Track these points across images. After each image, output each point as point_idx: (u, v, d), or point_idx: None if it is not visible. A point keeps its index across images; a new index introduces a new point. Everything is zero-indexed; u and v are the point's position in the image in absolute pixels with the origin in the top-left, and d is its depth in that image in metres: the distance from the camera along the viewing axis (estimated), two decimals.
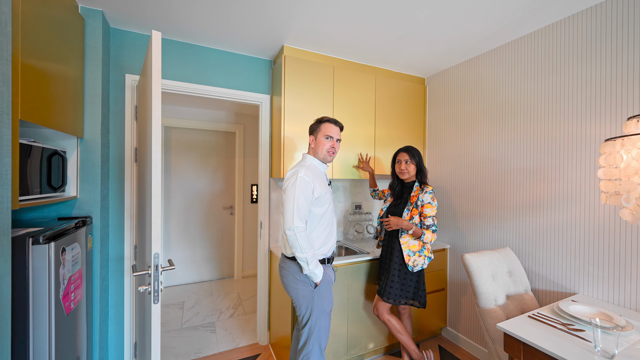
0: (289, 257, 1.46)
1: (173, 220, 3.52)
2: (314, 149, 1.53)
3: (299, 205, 1.34)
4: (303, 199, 1.35)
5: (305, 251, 1.33)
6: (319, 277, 1.39)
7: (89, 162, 1.60)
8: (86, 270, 1.53)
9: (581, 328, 1.22)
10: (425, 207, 1.71)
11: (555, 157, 1.70)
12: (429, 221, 1.70)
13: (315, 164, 1.52)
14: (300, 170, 1.40)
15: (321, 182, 1.45)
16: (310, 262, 1.35)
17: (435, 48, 2.06)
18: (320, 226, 1.46)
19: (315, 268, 1.37)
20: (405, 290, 1.75)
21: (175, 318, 2.73)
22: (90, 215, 1.59)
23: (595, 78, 1.53)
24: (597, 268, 1.54)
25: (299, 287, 1.43)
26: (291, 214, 1.34)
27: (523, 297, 1.67)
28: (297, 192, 1.35)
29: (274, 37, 1.94)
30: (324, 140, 1.50)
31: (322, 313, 1.44)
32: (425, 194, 1.72)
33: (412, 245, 1.74)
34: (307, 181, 1.37)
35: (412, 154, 1.79)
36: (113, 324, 1.82)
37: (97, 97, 1.61)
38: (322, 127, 1.51)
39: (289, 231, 1.34)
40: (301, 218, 1.34)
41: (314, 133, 1.54)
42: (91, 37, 1.59)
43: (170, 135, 3.50)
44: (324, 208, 1.45)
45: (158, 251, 1.18)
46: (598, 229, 1.52)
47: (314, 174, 1.44)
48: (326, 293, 1.45)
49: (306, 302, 1.43)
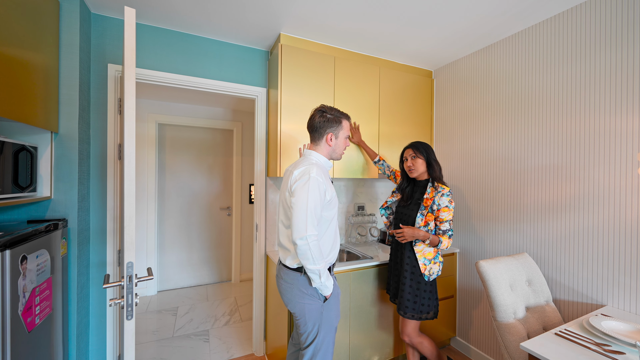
0: (293, 269, 1.29)
1: (167, 222, 3.38)
2: (331, 148, 1.35)
3: (312, 210, 1.15)
4: (318, 203, 1.18)
5: (318, 262, 1.16)
6: (329, 290, 1.24)
7: (64, 159, 1.45)
8: (62, 278, 1.39)
9: (620, 350, 1.05)
10: (442, 211, 1.52)
11: (580, 153, 1.53)
12: (446, 226, 1.53)
13: (322, 162, 1.34)
14: (312, 169, 1.21)
15: (329, 182, 1.30)
16: (323, 274, 1.19)
17: (443, 36, 1.90)
18: (329, 230, 1.30)
19: (327, 280, 1.21)
20: (420, 303, 1.57)
21: (167, 325, 2.58)
22: (65, 217, 1.45)
23: (630, 64, 1.36)
24: (629, 277, 1.37)
25: (306, 301, 1.25)
26: (304, 220, 1.14)
27: (544, 309, 1.51)
28: (311, 194, 1.16)
29: (270, 24, 1.79)
30: (344, 140, 1.36)
31: (330, 329, 1.29)
32: (443, 197, 1.52)
33: (427, 253, 1.56)
34: (320, 182, 1.20)
35: (417, 149, 1.62)
36: (94, 335, 1.68)
37: (74, 87, 1.46)
38: (344, 126, 1.34)
39: (301, 240, 1.13)
40: (314, 225, 1.16)
41: (333, 130, 1.32)
42: (67, 22, 1.45)
43: (164, 132, 3.36)
44: (334, 211, 1.30)
45: (132, 260, 1.03)
46: (631, 234, 1.36)
47: (324, 173, 1.28)
48: (335, 306, 1.31)
49: (313, 319, 1.26)
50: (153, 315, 2.76)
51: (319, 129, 1.32)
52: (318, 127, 1.32)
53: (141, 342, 2.32)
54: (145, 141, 3.18)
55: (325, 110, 1.33)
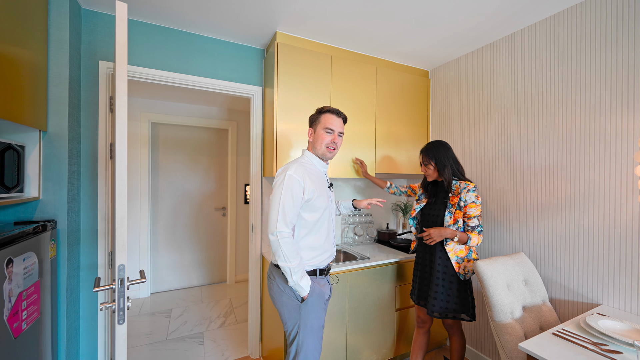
0: (276, 265, 1.29)
1: (161, 223, 3.32)
2: (312, 143, 1.35)
3: (284, 208, 1.18)
4: (290, 201, 1.19)
5: (289, 260, 1.17)
6: (305, 291, 1.21)
7: (54, 158, 1.41)
8: (50, 281, 1.34)
9: (617, 349, 1.05)
10: (469, 207, 1.52)
11: (575, 153, 1.54)
12: (474, 222, 1.53)
13: (313, 161, 1.34)
14: (291, 167, 1.23)
15: (316, 183, 1.27)
16: (295, 273, 1.17)
17: (440, 36, 1.90)
18: (313, 235, 1.28)
19: (301, 280, 1.19)
20: (453, 302, 1.55)
21: (160, 328, 2.53)
22: (54, 218, 1.40)
23: (625, 63, 1.37)
24: (623, 277, 1.38)
25: (284, 299, 1.26)
26: (275, 216, 1.18)
27: (541, 309, 1.51)
28: (284, 192, 1.19)
29: (267, 22, 1.76)
30: (323, 133, 1.31)
31: (309, 331, 1.25)
32: (469, 193, 1.52)
33: (459, 251, 1.55)
34: (296, 180, 1.20)
35: (427, 154, 1.62)
36: (85, 340, 1.63)
37: (63, 85, 1.42)
38: (322, 119, 1.32)
39: (272, 236, 1.18)
40: (286, 222, 1.18)
41: (313, 125, 1.35)
42: (56, 18, 1.40)
43: (158, 132, 3.30)
44: (318, 214, 1.27)
45: (124, 262, 1.00)
46: (626, 233, 1.37)
47: (308, 172, 1.26)
48: (315, 308, 1.27)
49: (292, 318, 1.26)
50: (146, 318, 2.71)
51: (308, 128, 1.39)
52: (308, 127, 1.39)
53: (134, 345, 2.27)
54: (138, 140, 3.12)
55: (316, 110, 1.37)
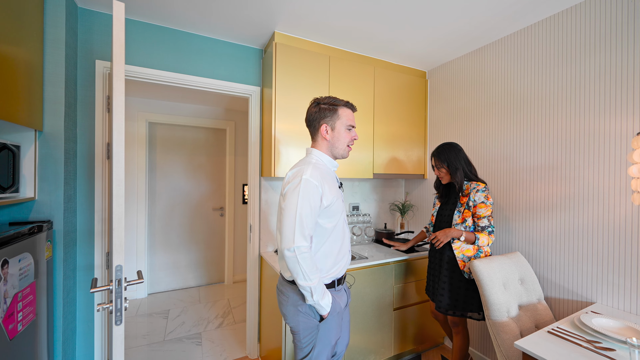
0: (288, 281, 1.16)
1: (158, 223, 3.30)
2: (329, 142, 1.17)
3: (302, 218, 1.02)
4: (309, 210, 1.03)
5: (309, 278, 1.02)
6: (326, 310, 1.08)
7: (50, 158, 1.39)
8: (46, 282, 1.33)
9: (610, 347, 1.07)
10: (479, 207, 1.54)
11: (570, 153, 1.56)
12: (484, 222, 1.53)
13: (324, 161, 1.18)
14: (306, 170, 1.07)
15: (331, 186, 1.12)
16: (315, 292, 1.03)
17: (438, 37, 1.91)
18: (330, 242, 1.13)
19: (322, 299, 1.06)
20: (460, 300, 1.58)
21: (158, 329, 2.52)
22: (50, 219, 1.39)
23: (619, 66, 1.39)
24: (617, 275, 1.40)
25: (301, 319, 1.12)
26: (292, 229, 1.01)
27: (536, 307, 1.53)
28: (301, 199, 1.02)
29: (265, 22, 1.76)
30: (344, 131, 1.16)
31: (326, 346, 1.14)
32: (478, 193, 1.53)
33: (465, 250, 1.57)
34: (314, 185, 1.05)
35: (438, 158, 1.65)
36: (82, 341, 1.62)
37: (59, 84, 1.41)
38: (341, 114, 1.15)
39: (288, 252, 1.01)
40: (304, 235, 1.02)
41: (327, 121, 1.15)
42: (52, 16, 1.39)
43: (155, 131, 3.29)
44: (335, 219, 1.13)
45: (121, 263, 0.99)
46: (619, 233, 1.39)
47: (323, 174, 1.11)
48: (334, 324, 1.14)
49: (308, 337, 1.13)
50: (143, 319, 2.70)
51: (313, 122, 1.17)
52: (312, 120, 1.18)
53: (131, 346, 2.26)
54: (135, 140, 3.10)
55: (320, 101, 1.17)
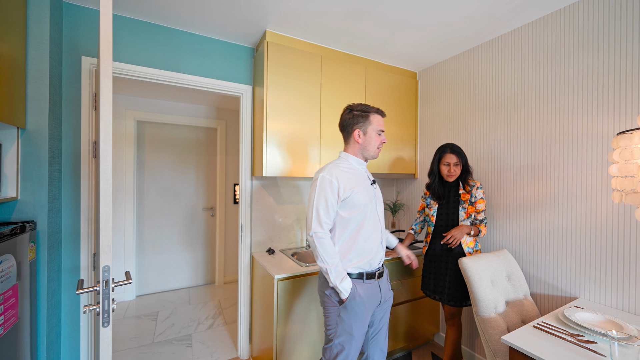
0: None
1: (147, 223, 3.24)
2: (361, 145, 1.32)
3: (318, 209, 1.23)
4: (324, 202, 1.23)
5: (325, 261, 1.20)
6: (344, 293, 1.19)
7: (33, 157, 1.35)
8: (30, 284, 1.29)
9: (592, 339, 1.11)
10: (479, 202, 1.71)
11: (555, 153, 1.61)
12: (482, 215, 1.71)
13: (350, 161, 1.34)
14: (325, 169, 1.28)
15: (353, 180, 1.27)
16: (332, 273, 1.18)
17: (428, 38, 1.94)
18: (352, 232, 1.26)
19: (340, 282, 1.19)
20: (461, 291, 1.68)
21: (147, 331, 2.48)
22: (34, 219, 1.35)
23: (600, 68, 1.44)
24: (599, 271, 1.45)
25: (325, 300, 1.28)
26: (311, 217, 1.25)
27: (523, 303, 1.57)
28: (318, 193, 1.24)
29: (256, 20, 1.75)
30: (375, 135, 1.31)
31: (349, 338, 1.22)
32: (478, 190, 1.72)
33: (469, 243, 1.71)
34: (328, 180, 1.24)
35: (460, 156, 1.72)
36: (67, 344, 1.58)
37: (43, 81, 1.37)
38: (372, 120, 1.30)
39: (309, 237, 1.25)
40: (321, 223, 1.23)
41: (359, 126, 1.30)
42: (36, 11, 1.35)
43: (144, 130, 3.23)
44: (357, 211, 1.26)
45: (109, 263, 0.97)
46: (601, 230, 1.44)
47: (343, 172, 1.27)
48: (356, 314, 1.23)
49: (331, 319, 1.26)
50: (131, 321, 2.64)
51: (346, 127, 1.33)
52: (346, 126, 1.33)
53: (118, 349, 2.21)
54: (123, 139, 3.04)
55: (353, 107, 1.33)
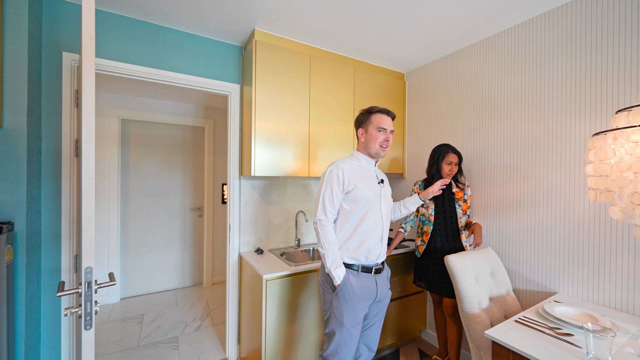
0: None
1: (132, 224, 3.16)
2: (364, 143, 1.42)
3: (323, 199, 1.35)
4: (329, 193, 1.35)
5: (324, 247, 1.31)
6: (337, 280, 1.29)
7: (10, 155, 1.30)
8: (7, 288, 1.24)
9: (569, 332, 1.16)
10: (469, 199, 1.88)
11: (536, 154, 1.67)
12: (470, 210, 1.92)
13: (360, 159, 1.44)
14: (334, 164, 1.39)
15: (359, 176, 1.37)
16: (328, 259, 1.29)
17: (416, 40, 1.97)
18: (352, 225, 1.35)
19: (335, 269, 1.29)
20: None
21: (132, 334, 2.42)
22: (11, 220, 1.30)
23: (578, 73, 1.50)
24: (577, 267, 1.51)
25: (322, 286, 1.40)
26: (316, 206, 1.37)
27: (505, 299, 1.62)
28: (325, 185, 1.36)
29: (244, 19, 1.74)
30: (376, 133, 1.38)
31: (339, 326, 1.30)
32: (468, 188, 1.89)
33: (465, 237, 1.85)
34: (334, 173, 1.35)
35: (460, 155, 1.85)
36: (47, 349, 1.52)
37: (21, 76, 1.32)
38: (373, 119, 1.39)
39: (313, 223, 1.37)
40: (325, 211, 1.34)
41: (363, 125, 1.42)
42: (13, 4, 1.30)
43: (129, 129, 3.15)
44: (359, 206, 1.34)
45: (91, 264, 0.95)
46: (578, 228, 1.50)
47: (351, 167, 1.38)
48: (347, 303, 1.30)
49: (327, 305, 1.37)
50: (115, 325, 2.58)
51: (355, 127, 1.48)
52: (355, 126, 1.48)
53: (102, 353, 2.15)
54: (107, 137, 2.96)
55: (362, 110, 1.46)
